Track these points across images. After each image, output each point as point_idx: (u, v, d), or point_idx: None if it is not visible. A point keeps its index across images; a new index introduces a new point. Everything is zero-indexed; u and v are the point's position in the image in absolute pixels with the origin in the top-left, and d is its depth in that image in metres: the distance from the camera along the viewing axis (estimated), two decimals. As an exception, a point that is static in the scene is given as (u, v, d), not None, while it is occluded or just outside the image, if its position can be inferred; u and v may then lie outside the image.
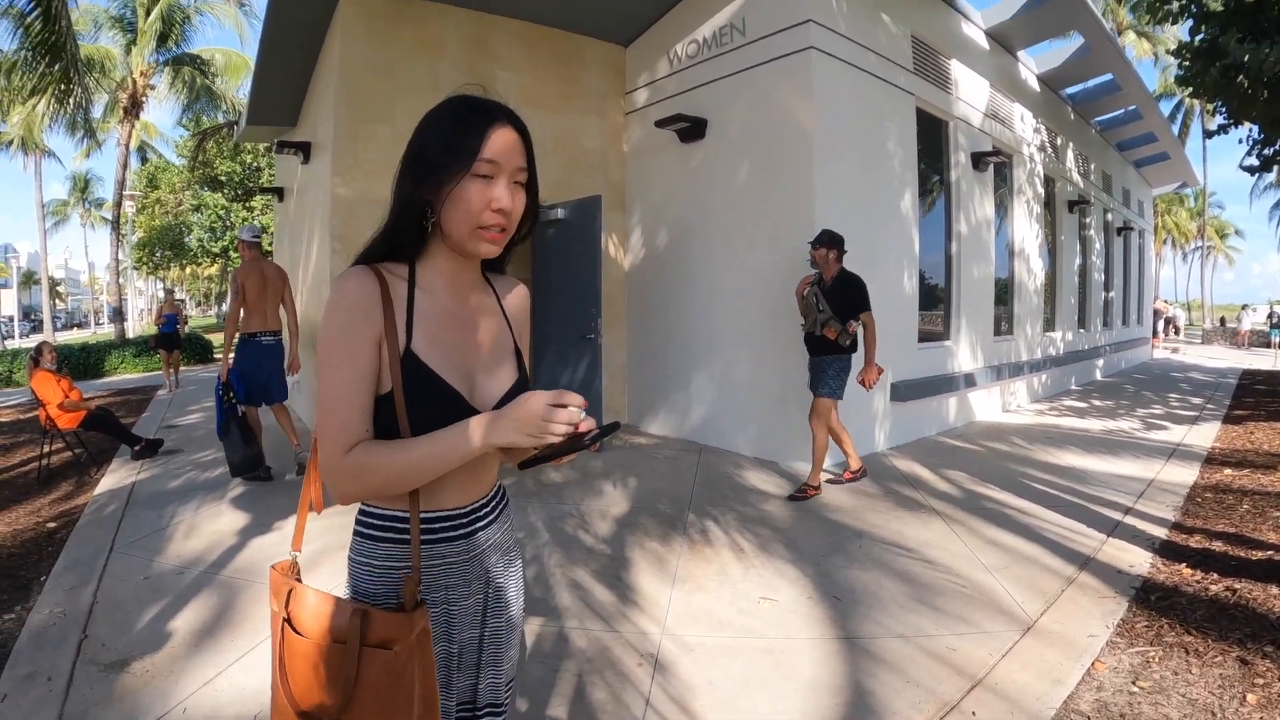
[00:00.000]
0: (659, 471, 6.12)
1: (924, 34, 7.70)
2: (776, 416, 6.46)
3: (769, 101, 6.52)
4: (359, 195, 6.58)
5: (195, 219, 24.89)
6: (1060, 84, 11.46)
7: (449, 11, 7.08)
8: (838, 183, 6.39)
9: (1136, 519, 4.91)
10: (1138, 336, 17.42)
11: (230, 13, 20.68)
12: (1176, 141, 16.73)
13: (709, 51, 7.07)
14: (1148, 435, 7.92)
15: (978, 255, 8.59)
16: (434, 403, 1.22)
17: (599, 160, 7.99)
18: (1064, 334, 11.70)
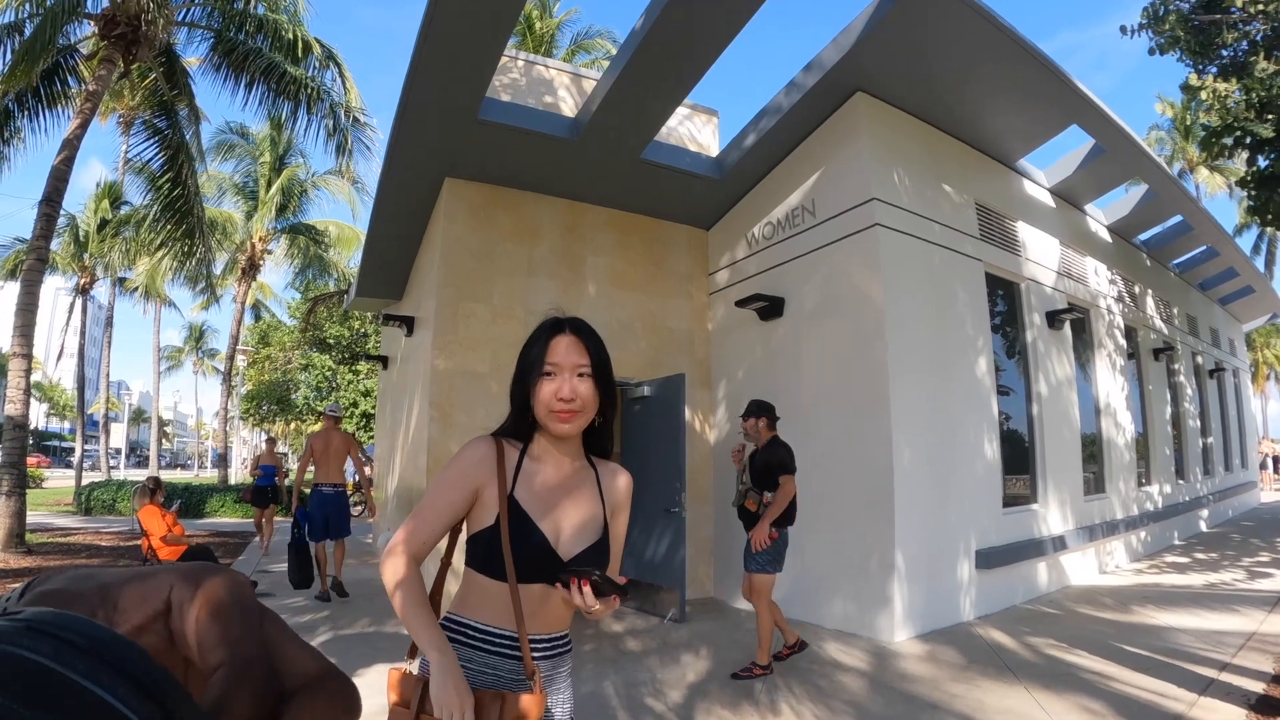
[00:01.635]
0: (739, 643, 6.10)
1: (987, 199, 8.01)
2: (858, 589, 6.40)
3: (840, 277, 6.85)
4: (457, 369, 7.01)
5: (303, 377, 26.30)
6: (1132, 232, 11.56)
7: (543, 200, 7.74)
8: (910, 351, 6.57)
9: (1232, 674, 4.75)
10: (1243, 481, 16.54)
11: (344, 188, 22.64)
12: (1259, 273, 16.44)
13: (783, 233, 7.51)
14: (1252, 585, 7.64)
15: (1060, 414, 8.52)
16: (524, 538, 1.60)
17: (685, 339, 8.38)
18: (1161, 487, 11.25)
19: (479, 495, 1.64)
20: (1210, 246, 13.26)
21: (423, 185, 7.41)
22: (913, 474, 6.34)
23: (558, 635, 1.70)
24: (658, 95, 6.63)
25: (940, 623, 6.40)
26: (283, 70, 11.28)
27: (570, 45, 19.68)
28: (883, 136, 6.93)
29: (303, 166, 23.30)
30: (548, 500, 1.66)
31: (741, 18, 5.91)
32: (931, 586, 6.41)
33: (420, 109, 6.24)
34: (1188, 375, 13.37)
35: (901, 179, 6.97)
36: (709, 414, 8.45)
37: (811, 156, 7.31)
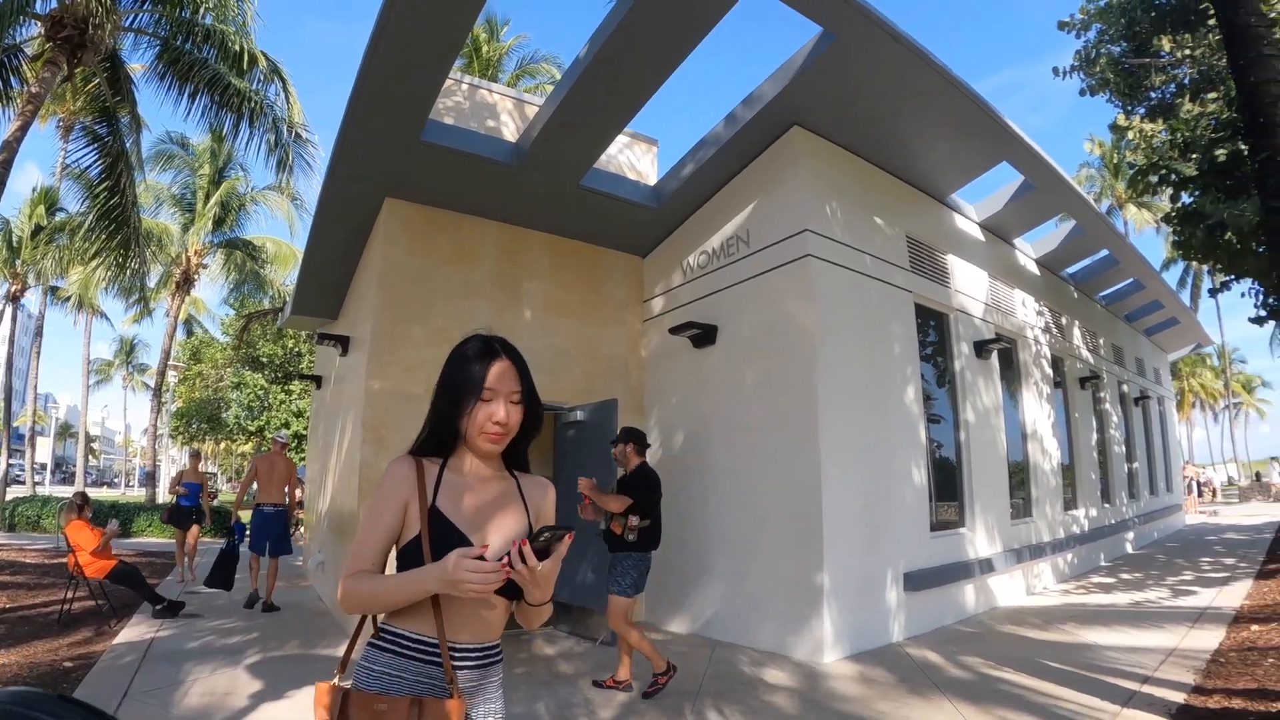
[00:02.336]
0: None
1: (918, 232, 8.24)
2: (788, 611, 6.48)
3: (773, 307, 6.97)
4: (392, 390, 6.95)
5: (234, 396, 25.79)
6: (1060, 265, 11.97)
7: (482, 224, 7.75)
8: (840, 380, 6.70)
9: (1154, 687, 4.91)
10: (1168, 504, 17.13)
11: (283, 205, 22.31)
12: (1183, 305, 17.14)
13: (718, 261, 7.63)
14: (1175, 602, 7.90)
15: (987, 441, 8.76)
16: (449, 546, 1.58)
17: (619, 365, 8.44)
18: (1087, 511, 11.60)
19: (407, 510, 1.69)
20: (1136, 280, 13.79)
21: (363, 204, 7.37)
22: (842, 499, 6.46)
23: (488, 645, 1.73)
24: (599, 124, 6.72)
25: (870, 644, 6.50)
26: (227, 82, 11.12)
27: (516, 69, 19.79)
28: (817, 169, 7.11)
29: (242, 180, 22.93)
30: (473, 510, 1.72)
31: (684, 50, 6.02)
32: (861, 609, 6.52)
33: (364, 128, 6.22)
34: (1113, 403, 13.85)
35: (835, 211, 7.14)
36: (641, 440, 8.47)
37: (747, 187, 7.45)
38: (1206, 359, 49.29)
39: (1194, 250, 9.35)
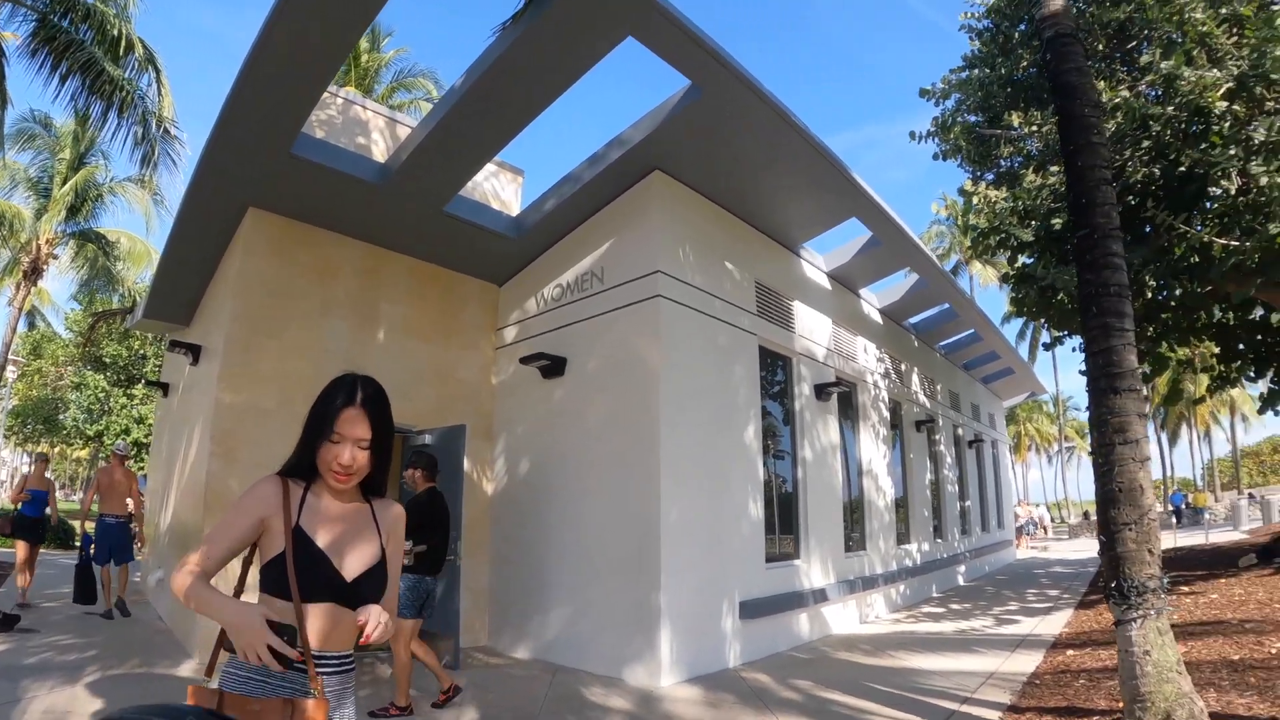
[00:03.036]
0: (513, 690, 6.20)
1: (767, 279, 8.70)
2: (626, 636, 6.64)
3: (622, 344, 7.21)
4: (243, 403, 6.73)
5: (74, 397, 24.05)
6: (902, 315, 12.84)
7: (344, 241, 7.66)
8: (684, 416, 6.99)
9: (973, 706, 5.24)
10: (999, 540, 18.41)
11: (142, 199, 21.05)
12: (1019, 358, 18.58)
13: (572, 295, 7.83)
14: (999, 630, 8.40)
15: (824, 477, 9.26)
16: (311, 563, 1.79)
17: (471, 391, 8.46)
18: (919, 545, 12.38)
19: (267, 526, 1.82)
20: (975, 331, 14.91)
21: (226, 210, 7.15)
22: (680, 530, 6.71)
23: (345, 655, 1.89)
24: (469, 152, 6.80)
25: (706, 669, 6.75)
26: (101, 68, 10.56)
27: (392, 81, 19.61)
28: (674, 213, 7.43)
29: (102, 169, 21.49)
30: (330, 529, 1.87)
31: (560, 87, 6.17)
32: (698, 635, 6.77)
33: (235, 134, 6.07)
34: (948, 445, 14.87)
35: (688, 255, 7.48)
36: (488, 466, 8.54)
37: (606, 225, 7.69)
38: (1043, 405, 53.38)
39: (1028, 308, 10.24)
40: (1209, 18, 7.43)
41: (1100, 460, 4.27)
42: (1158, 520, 4.23)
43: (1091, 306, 4.44)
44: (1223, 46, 7.45)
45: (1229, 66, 7.31)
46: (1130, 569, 4.06)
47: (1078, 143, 4.68)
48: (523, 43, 5.50)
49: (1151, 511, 4.13)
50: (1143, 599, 3.99)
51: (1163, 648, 3.95)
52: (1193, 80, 7.31)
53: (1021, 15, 9.52)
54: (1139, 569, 4.04)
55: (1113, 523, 4.17)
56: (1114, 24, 8.70)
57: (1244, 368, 10.81)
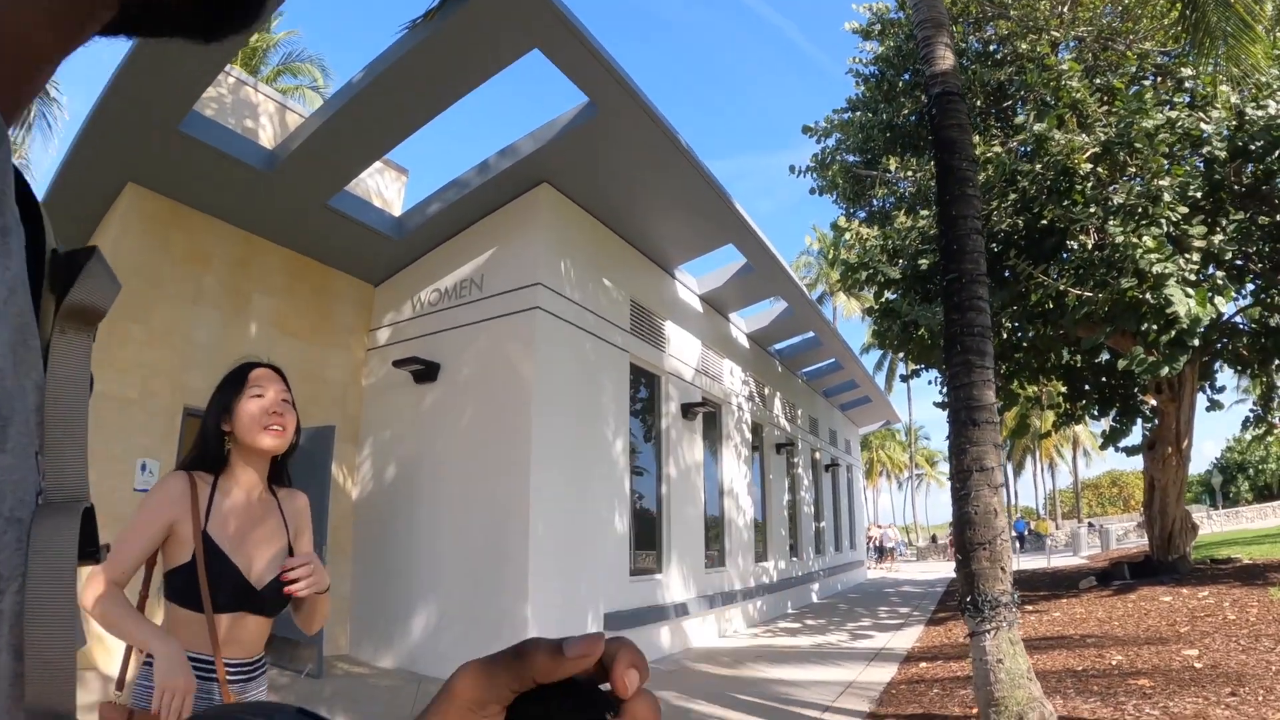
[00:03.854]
0: (377, 699, 6.07)
1: (642, 298, 8.93)
2: (491, 646, 6.42)
3: (497, 352, 7.23)
4: (105, 393, 6.22)
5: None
6: (768, 341, 13.39)
7: (221, 227, 7.29)
8: (554, 429, 7.06)
9: (834, 714, 5.43)
10: (851, 560, 19.34)
11: (9, 171, 19.22)
12: (876, 387, 19.66)
13: (449, 301, 7.78)
14: (854, 644, 8.74)
15: (687, 495, 9.54)
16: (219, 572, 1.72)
17: (339, 392, 8.24)
18: (776, 563, 12.87)
19: (174, 530, 1.73)
20: (836, 360, 15.71)
21: (103, 184, 6.70)
22: (548, 541, 6.75)
23: (254, 659, 1.86)
24: (361, 147, 6.70)
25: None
26: None
27: (280, 63, 18.77)
28: (558, 227, 7.54)
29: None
30: (239, 533, 1.78)
31: (459, 92, 6.18)
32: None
33: (123, 104, 5.71)
34: (806, 468, 15.57)
35: (568, 269, 7.59)
36: (353, 470, 8.34)
37: (489, 234, 7.70)
38: (895, 434, 56.40)
39: (890, 341, 10.88)
40: (1084, 86, 8.19)
41: (958, 485, 4.58)
42: (1009, 542, 4.61)
43: (956, 345, 4.73)
44: (1093, 114, 8.21)
45: (1097, 132, 8.06)
46: (984, 585, 4.37)
47: (953, 193, 4.97)
48: (431, 43, 5.52)
49: (1004, 533, 4.48)
50: (995, 612, 4.30)
51: (1014, 656, 4.26)
52: (1062, 142, 8.03)
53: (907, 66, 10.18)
54: (992, 584, 4.36)
55: (969, 543, 4.48)
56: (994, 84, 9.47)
57: (1088, 407, 11.87)
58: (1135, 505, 55.65)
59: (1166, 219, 7.68)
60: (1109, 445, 11.51)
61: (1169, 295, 7.30)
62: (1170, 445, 10.59)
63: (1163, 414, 10.68)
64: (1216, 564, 11.73)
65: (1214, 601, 8.05)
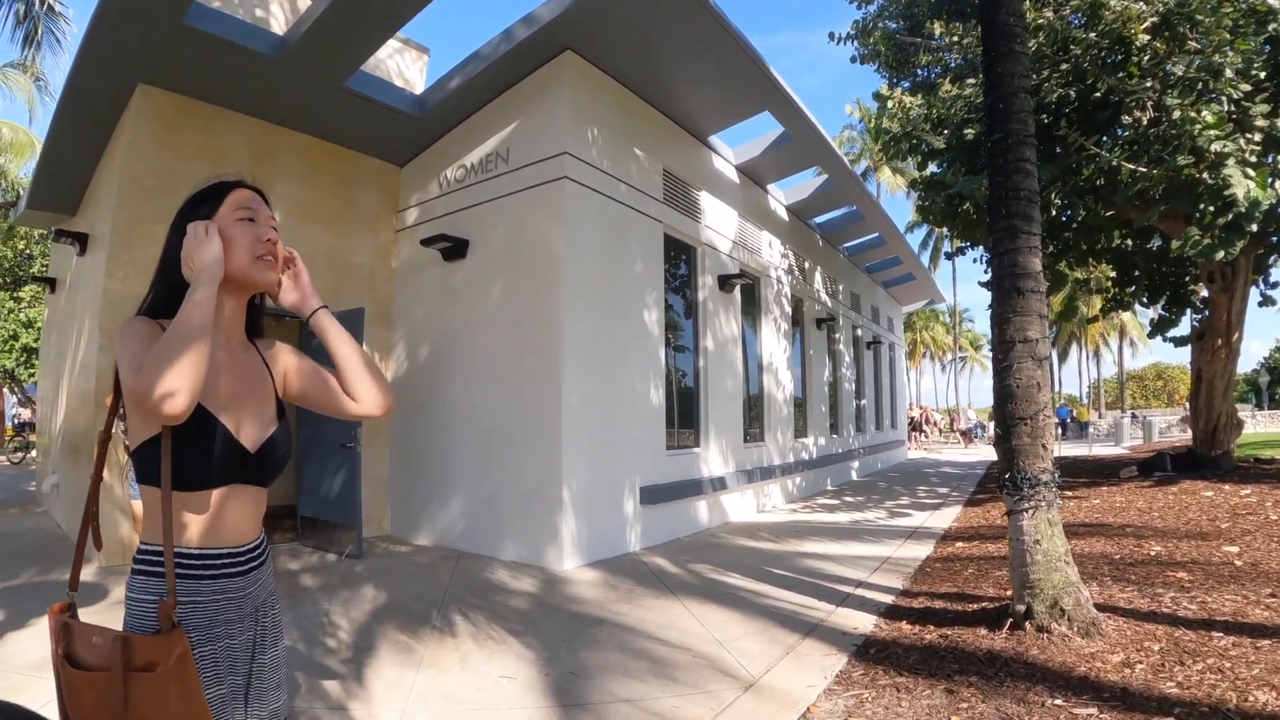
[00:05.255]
0: (417, 576, 6.21)
1: (675, 168, 8.62)
2: (528, 522, 6.75)
3: (526, 226, 7.07)
4: (132, 293, 6.33)
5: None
6: (808, 214, 12.99)
7: (236, 120, 7.22)
8: (587, 302, 6.96)
9: (868, 590, 5.47)
10: (892, 439, 19.37)
11: (24, 85, 19.06)
12: (921, 264, 19.16)
13: (475, 176, 7.59)
14: (891, 523, 8.77)
15: (725, 369, 9.46)
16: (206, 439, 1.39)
17: (367, 276, 8.21)
18: (816, 439, 12.91)
19: None
20: (879, 235, 15.24)
21: (114, 87, 6.61)
22: (580, 416, 6.76)
23: (256, 543, 1.53)
24: (374, 23, 6.39)
25: (607, 553, 6.94)
26: None
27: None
28: (584, 96, 7.20)
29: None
30: (223, 389, 1.45)
31: None
32: (598, 520, 6.92)
33: (124, 5, 5.55)
34: (847, 345, 15.39)
35: (596, 138, 7.31)
36: (387, 352, 8.40)
37: (513, 105, 7.41)
38: (939, 315, 55.63)
39: (935, 215, 10.49)
40: (1142, -50, 7.52)
41: (1000, 357, 4.41)
42: (1052, 418, 4.45)
43: (1001, 209, 4.51)
44: (1151, -19, 7.56)
45: (1155, 2, 7.45)
46: (1024, 462, 4.24)
47: (999, 49, 4.65)
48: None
49: (1047, 409, 4.30)
50: (1035, 491, 4.18)
51: (1052, 538, 4.16)
52: (1118, 10, 7.44)
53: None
54: (1032, 462, 4.23)
55: (1009, 417, 4.33)
56: (1045, -56, 8.72)
57: (1138, 293, 11.49)
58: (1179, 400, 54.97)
59: (1228, 96, 7.15)
60: (1157, 334, 11.23)
61: (1227, 176, 6.85)
62: (1220, 337, 10.26)
63: (1214, 304, 10.30)
64: (1260, 463, 11.46)
65: (1256, 500, 7.85)
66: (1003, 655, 3.77)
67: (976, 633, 4.16)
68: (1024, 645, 3.87)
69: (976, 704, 3.22)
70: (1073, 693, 3.25)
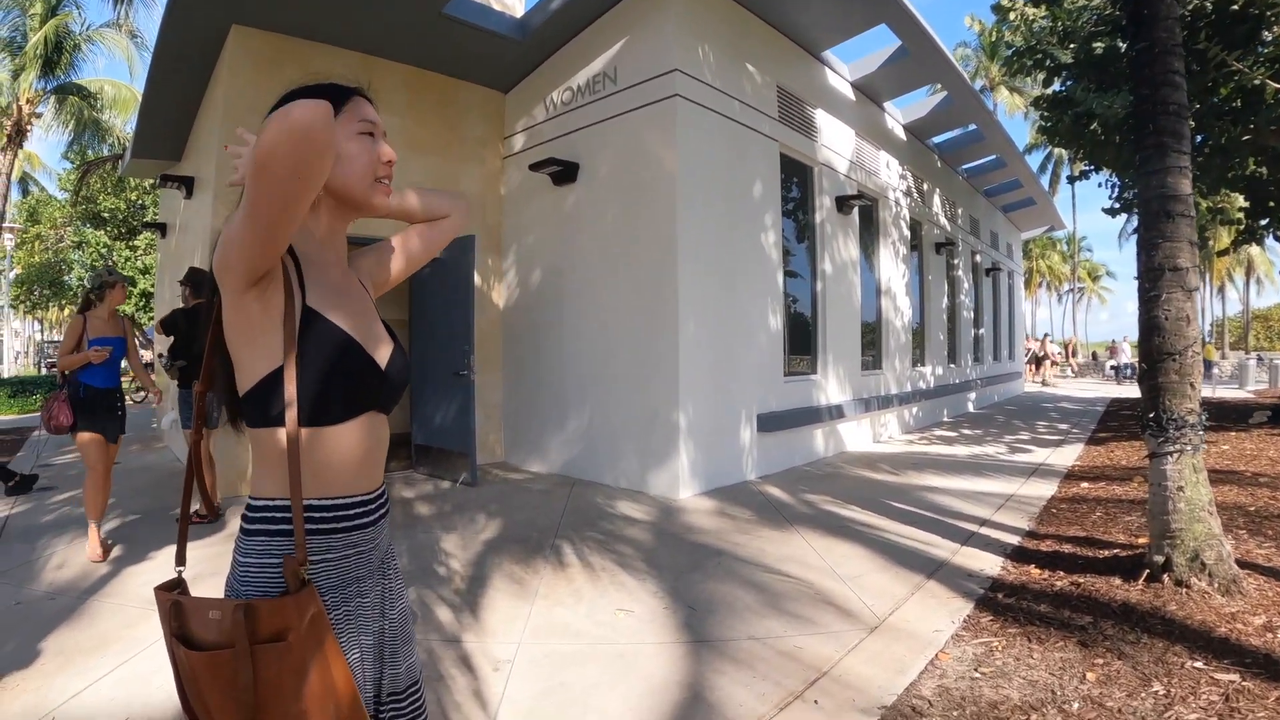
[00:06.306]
0: (531, 504, 6.22)
1: (789, 84, 8.19)
2: (644, 450, 6.68)
3: (637, 146, 6.84)
4: None
5: (76, 257, 23.74)
6: (926, 133, 12.27)
7: (335, 54, 7.19)
8: (701, 224, 6.73)
9: (991, 529, 5.23)
10: (1010, 371, 18.50)
11: (121, 43, 19.94)
12: (1041, 188, 18.00)
13: (583, 98, 7.38)
14: (1012, 458, 8.39)
15: (843, 294, 9.10)
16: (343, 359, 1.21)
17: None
18: (934, 368, 12.40)
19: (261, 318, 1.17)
20: (999, 157, 14.31)
21: (207, 32, 6.68)
22: (697, 341, 6.60)
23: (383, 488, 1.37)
24: None
25: (723, 481, 6.84)
26: None
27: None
28: (691, 10, 6.85)
29: (75, 17, 20.25)
30: (343, 307, 1.27)
31: None
32: (715, 448, 6.80)
33: None
34: (966, 271, 14.63)
35: (706, 54, 6.98)
36: (498, 280, 8.39)
37: (618, 24, 7.12)
38: (1057, 243, 52.63)
39: (1060, 136, 9.74)
40: None
41: (1147, 286, 4.02)
42: (1200, 356, 4.02)
43: (1148, 124, 4.08)
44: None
45: None
46: (1170, 401, 3.88)
47: None
48: None
49: (1196, 345, 3.91)
50: (1180, 433, 3.83)
51: (1196, 485, 3.83)
52: None
53: None
54: (1179, 402, 3.87)
55: (1155, 352, 3.96)
56: None
57: (1272, 226, 10.44)
58: None
59: None
60: None
61: None
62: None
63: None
64: (1400, 419, 10.34)
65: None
66: (1138, 609, 3.51)
67: (1110, 582, 3.90)
68: (1161, 600, 3.60)
69: (1112, 660, 3.00)
70: (1213, 655, 2.99)
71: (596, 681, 2.99)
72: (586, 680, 3.00)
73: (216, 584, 1.29)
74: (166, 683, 2.81)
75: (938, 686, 2.88)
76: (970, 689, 2.84)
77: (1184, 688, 2.75)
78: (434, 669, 3.06)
